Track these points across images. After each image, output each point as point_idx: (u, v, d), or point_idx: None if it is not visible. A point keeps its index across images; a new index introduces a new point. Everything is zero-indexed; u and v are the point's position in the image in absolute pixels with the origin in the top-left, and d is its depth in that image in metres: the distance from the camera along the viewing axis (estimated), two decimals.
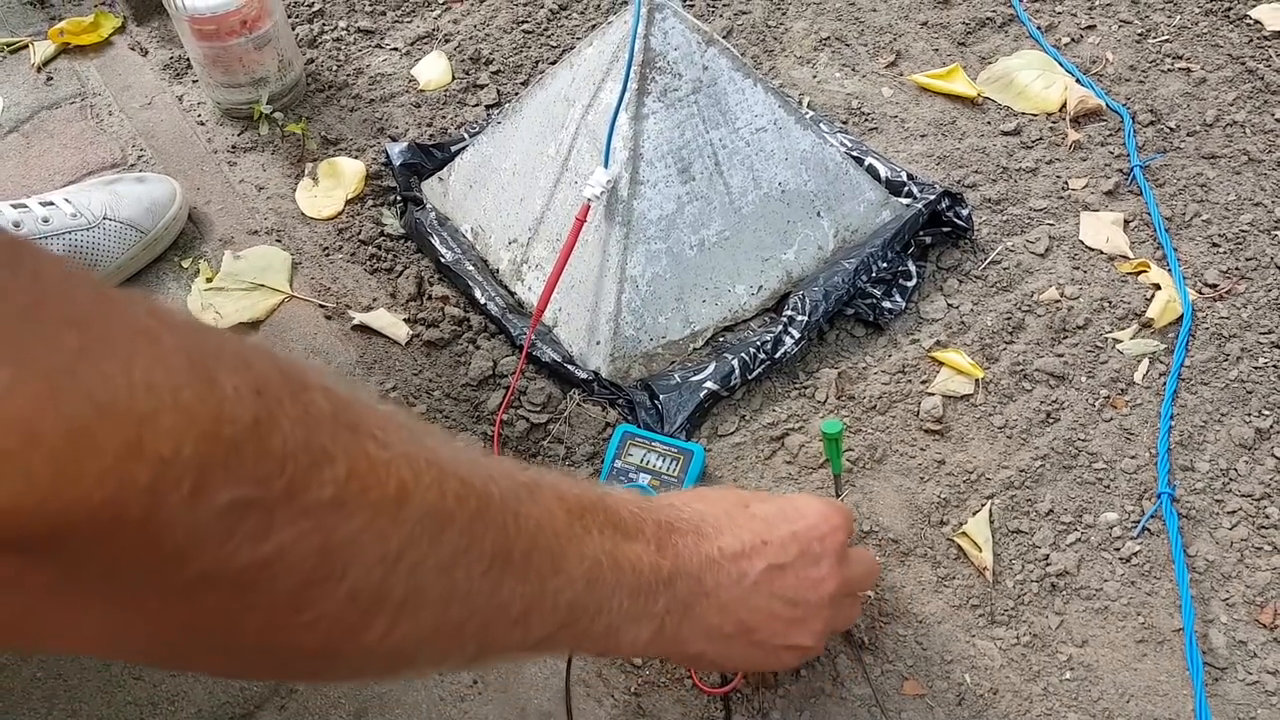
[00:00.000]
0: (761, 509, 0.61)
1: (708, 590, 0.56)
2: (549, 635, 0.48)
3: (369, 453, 0.38)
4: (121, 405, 0.31)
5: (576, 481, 0.52)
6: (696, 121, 0.88)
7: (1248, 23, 1.18)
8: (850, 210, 0.95)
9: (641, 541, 0.53)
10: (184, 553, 0.33)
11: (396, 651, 0.42)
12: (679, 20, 0.87)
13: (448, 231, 0.97)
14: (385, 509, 0.38)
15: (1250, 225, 0.99)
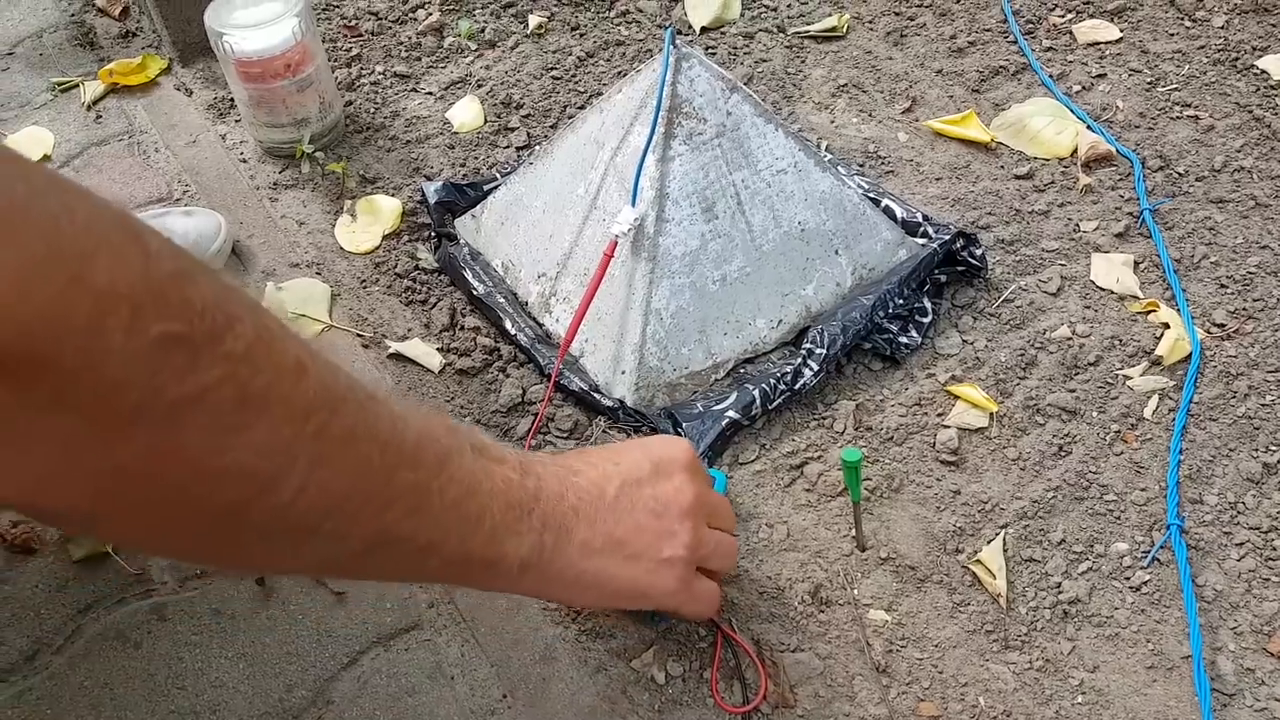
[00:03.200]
0: (610, 448, 0.68)
1: (574, 507, 0.61)
2: (439, 540, 0.52)
3: (270, 327, 0.43)
4: (67, 243, 0.36)
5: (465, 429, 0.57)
6: (720, 163, 0.92)
7: (1255, 72, 1.22)
8: (868, 249, 0.98)
9: (508, 465, 0.58)
10: (120, 382, 0.37)
11: (301, 519, 0.45)
12: (704, 69, 0.92)
13: (480, 266, 1.01)
14: (288, 374, 0.43)
15: (1257, 267, 1.01)
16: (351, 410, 0.46)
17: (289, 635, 0.80)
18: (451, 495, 0.52)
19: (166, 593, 0.83)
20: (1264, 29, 1.27)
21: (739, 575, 0.82)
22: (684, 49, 0.91)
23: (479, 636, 0.79)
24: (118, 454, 0.39)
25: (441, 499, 0.51)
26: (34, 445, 0.37)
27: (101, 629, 0.81)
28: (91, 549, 0.85)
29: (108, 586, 0.83)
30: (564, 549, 0.60)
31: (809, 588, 0.81)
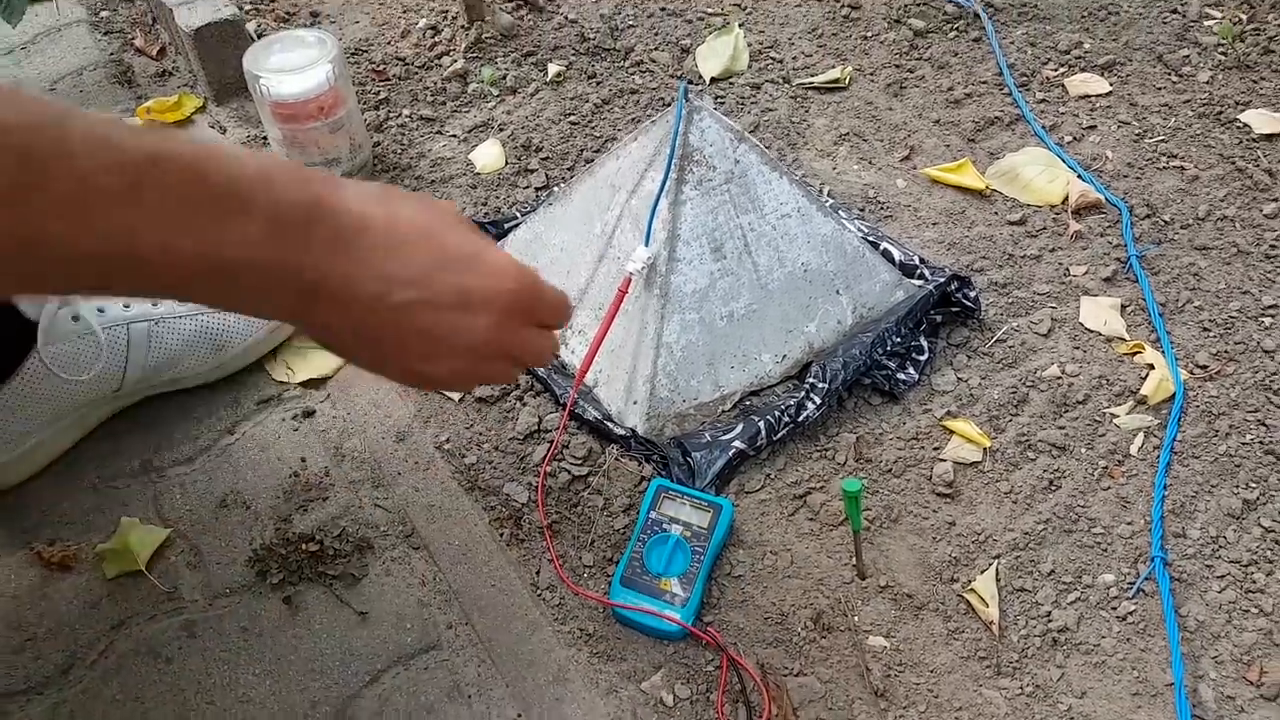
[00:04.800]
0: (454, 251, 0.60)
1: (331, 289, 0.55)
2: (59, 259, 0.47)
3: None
4: None
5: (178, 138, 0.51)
6: (728, 207, 0.97)
7: (1238, 126, 1.27)
8: (867, 289, 1.03)
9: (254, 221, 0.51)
10: None
11: None
12: (714, 120, 0.97)
13: None
14: None
15: (1239, 312, 1.06)
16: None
17: (313, 653, 0.83)
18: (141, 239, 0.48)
19: (196, 610, 0.86)
20: (1246, 85, 1.33)
21: (745, 601, 0.86)
22: (695, 102, 0.97)
23: (495, 657, 0.83)
24: None
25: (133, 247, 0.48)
26: None
27: (133, 644, 0.84)
28: (125, 568, 0.88)
29: (140, 604, 0.87)
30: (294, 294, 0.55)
31: (811, 614, 0.85)
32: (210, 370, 1.00)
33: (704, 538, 0.87)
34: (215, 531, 0.91)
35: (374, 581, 0.87)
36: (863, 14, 1.47)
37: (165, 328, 0.96)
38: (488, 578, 0.87)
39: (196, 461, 0.96)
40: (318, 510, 0.92)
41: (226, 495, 0.94)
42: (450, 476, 0.95)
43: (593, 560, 0.89)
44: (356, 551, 0.89)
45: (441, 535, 0.90)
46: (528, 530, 0.91)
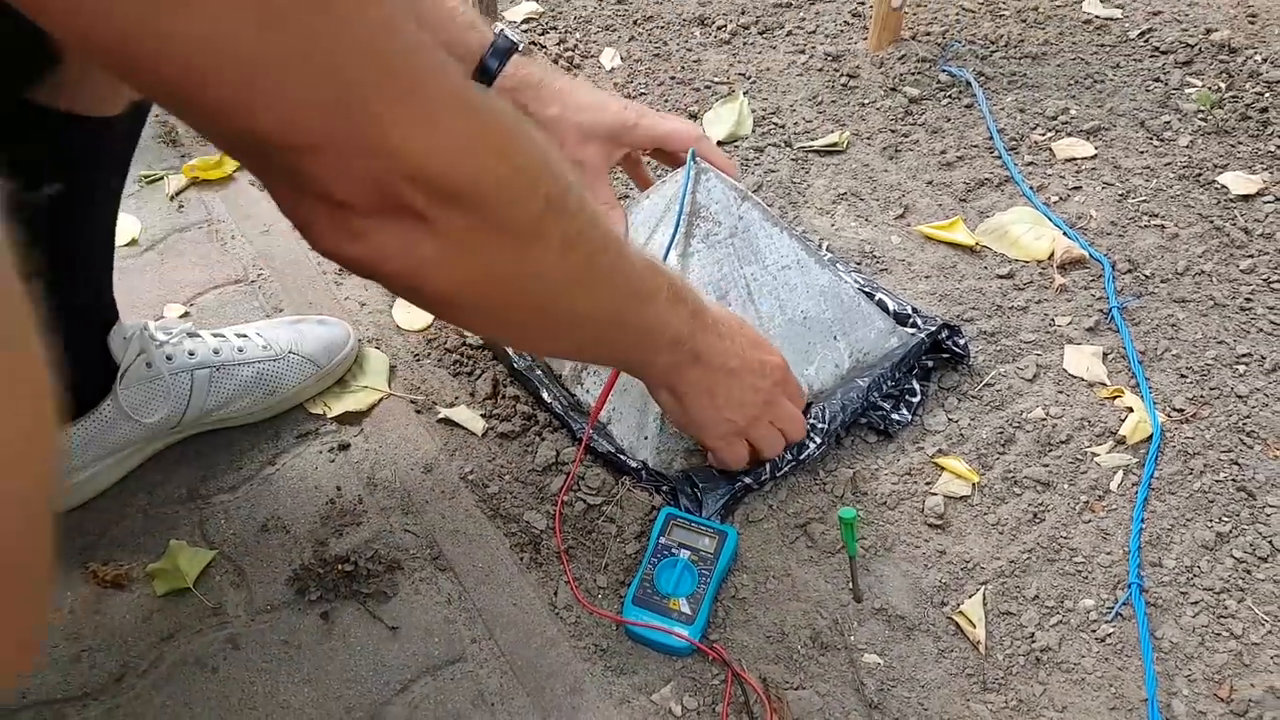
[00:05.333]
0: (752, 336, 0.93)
1: (707, 355, 0.86)
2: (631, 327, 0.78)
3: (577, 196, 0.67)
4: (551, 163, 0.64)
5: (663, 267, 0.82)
6: (732, 259, 1.05)
7: (1216, 187, 1.35)
8: (863, 336, 1.10)
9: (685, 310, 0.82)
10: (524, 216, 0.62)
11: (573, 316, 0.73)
12: (719, 180, 1.05)
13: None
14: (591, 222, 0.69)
15: (1214, 360, 1.13)
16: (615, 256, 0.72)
17: (348, 664, 0.90)
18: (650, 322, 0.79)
19: (240, 625, 0.93)
20: (1224, 149, 1.41)
21: (749, 621, 0.92)
22: (702, 164, 1.05)
23: (516, 670, 0.89)
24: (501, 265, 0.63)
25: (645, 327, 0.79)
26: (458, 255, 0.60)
27: (182, 656, 0.91)
28: (174, 586, 0.95)
29: (188, 619, 0.93)
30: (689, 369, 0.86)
31: (810, 633, 0.91)
32: (260, 411, 1.08)
33: (710, 561, 0.93)
34: (257, 553, 0.98)
35: (404, 599, 0.94)
36: (860, 82, 1.57)
37: (225, 374, 1.03)
38: (509, 597, 0.94)
39: (240, 490, 1.04)
40: (352, 534, 0.99)
41: (268, 520, 1.01)
42: (474, 505, 1.01)
43: (606, 582, 0.95)
44: (388, 572, 0.96)
45: (466, 558, 0.97)
46: (546, 554, 0.98)
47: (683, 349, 0.83)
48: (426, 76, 0.54)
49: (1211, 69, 1.56)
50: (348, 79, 0.50)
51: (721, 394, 0.89)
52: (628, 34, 1.70)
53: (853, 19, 1.72)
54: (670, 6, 1.77)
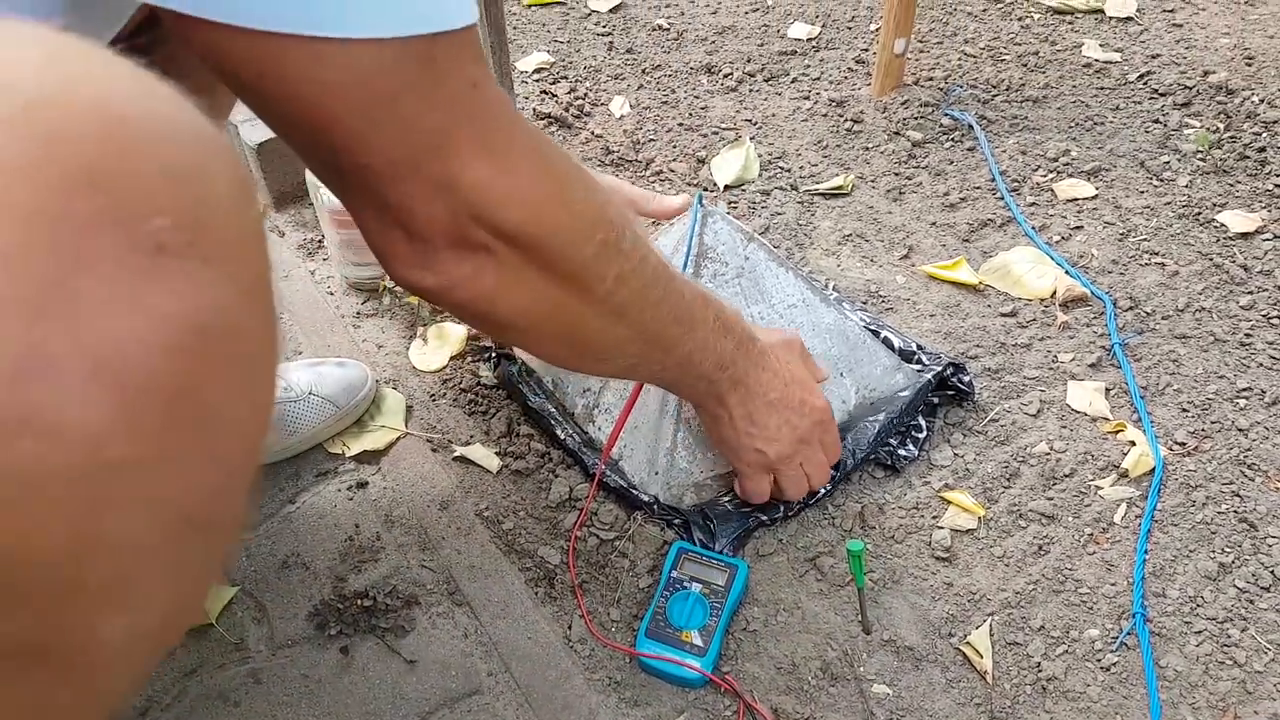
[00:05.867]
0: (799, 375, 0.96)
1: (748, 383, 0.91)
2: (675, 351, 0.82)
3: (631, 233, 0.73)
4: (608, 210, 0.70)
5: (706, 289, 0.87)
6: (740, 298, 1.08)
7: (1215, 225, 1.37)
8: (868, 372, 1.13)
9: (731, 340, 0.87)
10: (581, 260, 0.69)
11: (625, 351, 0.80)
12: (726, 223, 1.09)
13: (533, 381, 1.16)
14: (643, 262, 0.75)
15: (1215, 394, 1.15)
16: (663, 288, 0.77)
17: (368, 697, 0.91)
18: (692, 349, 0.83)
19: (261, 660, 0.95)
20: (1223, 188, 1.44)
21: (760, 653, 0.94)
22: (709, 208, 1.09)
23: (532, 702, 0.91)
24: (558, 298, 0.69)
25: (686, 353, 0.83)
26: (519, 287, 0.66)
27: (204, 690, 0.93)
28: (196, 622, 0.97)
29: (210, 653, 0.95)
30: (730, 391, 0.90)
31: (821, 664, 0.93)
32: (279, 451, 1.10)
33: (721, 594, 0.95)
34: (278, 589, 1.00)
35: (421, 633, 0.96)
36: (864, 127, 1.61)
37: None
38: (524, 631, 0.96)
39: (261, 527, 1.06)
40: (370, 570, 1.01)
41: (288, 557, 1.03)
42: (489, 541, 1.04)
43: (619, 615, 0.97)
44: (405, 607, 0.98)
45: (482, 593, 0.99)
46: (560, 589, 1.00)
47: (724, 374, 0.88)
48: (505, 126, 0.62)
49: (1210, 110, 1.59)
50: (440, 125, 0.58)
51: (759, 423, 0.93)
52: (636, 82, 1.74)
53: (856, 65, 1.76)
54: (678, 55, 1.82)
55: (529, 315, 0.70)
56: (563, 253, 0.66)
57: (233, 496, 0.39)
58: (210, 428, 0.36)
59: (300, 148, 0.61)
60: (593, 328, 0.74)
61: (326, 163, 0.60)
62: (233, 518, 0.40)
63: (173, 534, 0.36)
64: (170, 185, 0.35)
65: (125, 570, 0.35)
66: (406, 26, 0.54)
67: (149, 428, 0.34)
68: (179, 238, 0.34)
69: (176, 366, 0.34)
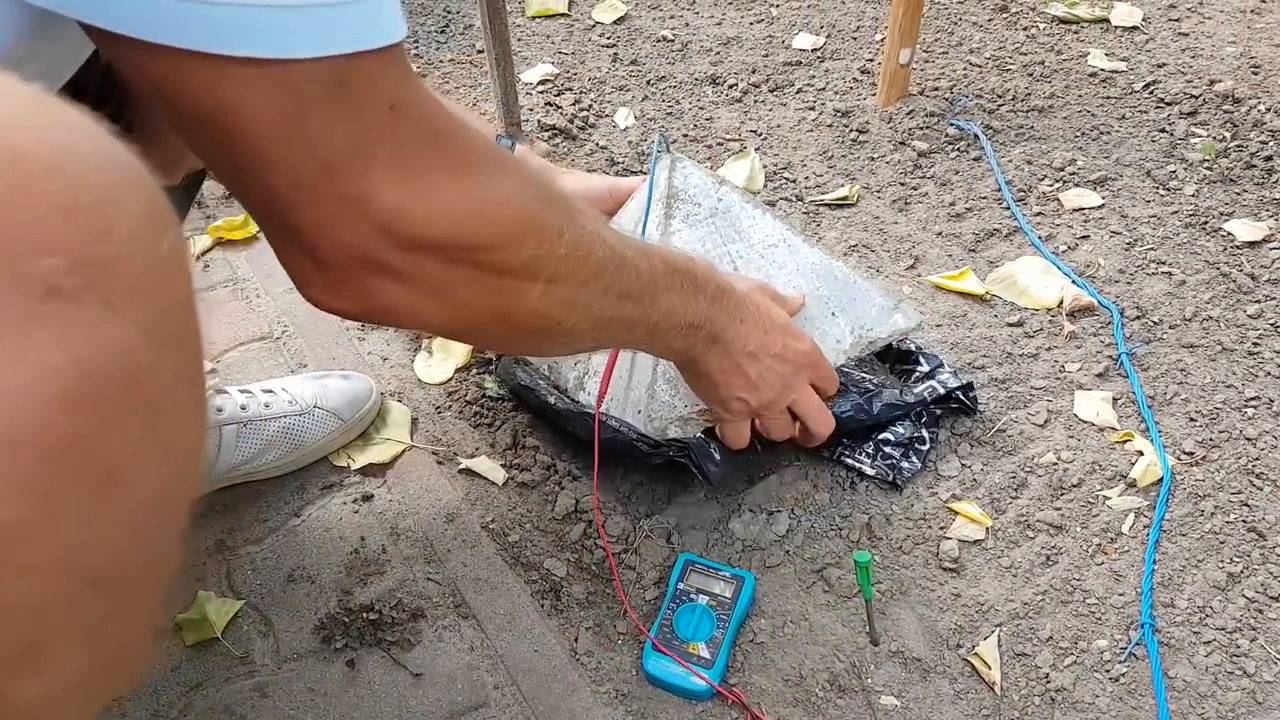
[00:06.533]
0: (779, 320, 0.94)
1: (725, 337, 0.89)
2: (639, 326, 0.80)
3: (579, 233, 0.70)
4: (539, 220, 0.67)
5: (669, 249, 0.87)
6: (715, 237, 1.08)
7: (1222, 234, 1.37)
8: (863, 311, 1.09)
9: (703, 299, 0.85)
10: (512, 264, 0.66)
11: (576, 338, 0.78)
12: (695, 167, 1.11)
13: (531, 369, 1.13)
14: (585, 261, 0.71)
15: (1223, 404, 1.15)
16: (609, 278, 0.74)
17: (373, 711, 0.91)
18: (654, 318, 0.81)
19: (267, 673, 0.95)
20: (1230, 196, 1.43)
21: (767, 665, 0.93)
22: (676, 154, 1.10)
23: (538, 715, 0.90)
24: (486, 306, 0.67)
25: (648, 316, 0.80)
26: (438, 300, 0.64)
27: (210, 704, 0.93)
28: (202, 636, 0.97)
29: (216, 667, 0.95)
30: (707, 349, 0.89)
31: (828, 676, 0.92)
32: (286, 464, 1.10)
33: (728, 606, 0.95)
34: (284, 603, 1.00)
35: (427, 646, 0.96)
36: (869, 137, 1.61)
37: (252, 429, 1.07)
38: (530, 644, 0.96)
39: (266, 541, 1.06)
40: (376, 583, 1.01)
41: (294, 570, 1.03)
42: (495, 553, 1.04)
43: (626, 628, 0.97)
44: (411, 620, 0.98)
45: (488, 605, 0.99)
46: (566, 601, 0.99)
47: (699, 334, 0.87)
48: (427, 147, 0.59)
49: (1216, 119, 1.59)
50: (350, 147, 0.56)
51: (739, 374, 0.92)
52: (641, 94, 1.75)
53: (861, 76, 1.76)
54: (682, 66, 1.82)
55: (456, 324, 0.69)
56: (488, 267, 0.64)
57: (150, 549, 0.37)
58: (114, 482, 0.34)
59: (209, 165, 0.59)
60: (529, 327, 0.72)
61: (233, 182, 0.59)
62: (154, 569, 0.38)
63: (79, 595, 0.34)
64: (66, 221, 0.33)
65: (27, 635, 0.33)
66: (317, 47, 0.52)
67: (38, 487, 0.32)
68: (74, 279, 0.32)
69: (69, 419, 0.32)
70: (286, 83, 0.52)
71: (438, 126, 0.60)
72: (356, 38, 0.53)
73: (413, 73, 0.59)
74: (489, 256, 0.64)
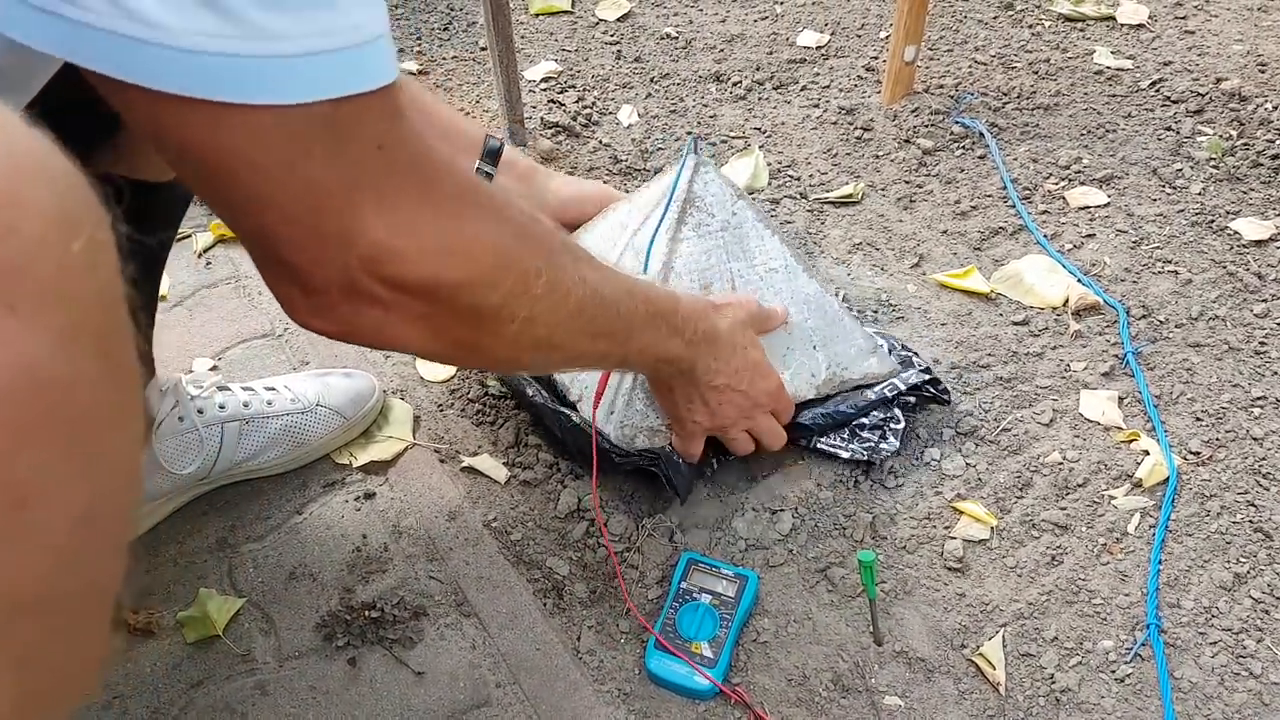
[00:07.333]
0: (752, 359, 0.99)
1: (695, 371, 0.94)
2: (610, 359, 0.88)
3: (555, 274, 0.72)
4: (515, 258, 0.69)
5: (656, 290, 0.89)
6: (721, 252, 1.08)
7: (1229, 233, 1.36)
8: (842, 350, 1.11)
9: (679, 340, 0.89)
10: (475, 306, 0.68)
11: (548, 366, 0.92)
12: (717, 175, 1.10)
13: None
14: (559, 300, 0.73)
15: (1229, 403, 1.14)
16: (588, 317, 0.77)
17: (375, 709, 0.91)
18: (627, 355, 0.86)
19: (268, 671, 0.94)
20: (1236, 195, 1.43)
21: (770, 664, 0.93)
22: (702, 158, 1.09)
23: (541, 714, 0.90)
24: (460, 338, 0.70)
25: (623, 353, 0.85)
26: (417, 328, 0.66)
27: (211, 702, 0.92)
28: (203, 633, 0.97)
29: (217, 666, 0.95)
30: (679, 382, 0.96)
31: (832, 676, 0.92)
32: (288, 462, 1.10)
33: (731, 605, 0.94)
34: (285, 601, 1.00)
35: (429, 645, 0.96)
36: (874, 135, 1.60)
37: (254, 427, 1.06)
38: (532, 642, 0.95)
39: (268, 538, 1.06)
40: (378, 581, 1.01)
41: (295, 568, 1.02)
42: (498, 551, 1.03)
43: (629, 627, 0.96)
44: (413, 618, 0.97)
45: (490, 604, 0.98)
46: (568, 600, 0.99)
47: (670, 368, 0.93)
48: (412, 185, 0.62)
49: (1222, 117, 1.58)
50: (339, 187, 0.58)
51: (700, 401, 0.98)
52: (644, 91, 1.74)
53: (866, 73, 1.76)
54: (686, 64, 1.82)
55: (433, 351, 0.73)
56: (465, 304, 0.67)
57: (80, 570, 0.35)
58: (25, 506, 0.32)
59: (203, 199, 0.61)
60: (503, 357, 0.77)
61: (226, 215, 0.61)
62: (91, 588, 0.36)
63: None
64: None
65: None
66: (309, 92, 0.54)
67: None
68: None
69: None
70: (283, 127, 0.54)
71: (423, 165, 0.62)
72: (349, 81, 0.55)
73: (402, 112, 0.60)
74: (467, 295, 0.66)
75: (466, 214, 0.66)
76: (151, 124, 0.54)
